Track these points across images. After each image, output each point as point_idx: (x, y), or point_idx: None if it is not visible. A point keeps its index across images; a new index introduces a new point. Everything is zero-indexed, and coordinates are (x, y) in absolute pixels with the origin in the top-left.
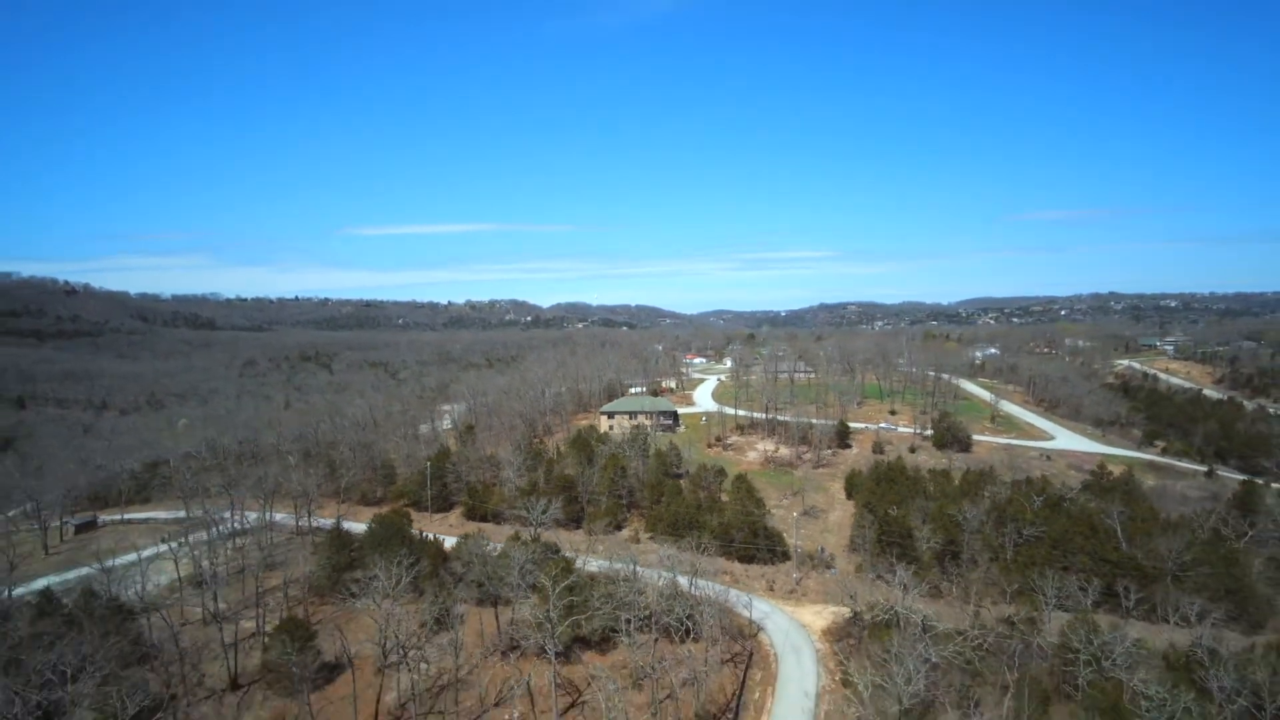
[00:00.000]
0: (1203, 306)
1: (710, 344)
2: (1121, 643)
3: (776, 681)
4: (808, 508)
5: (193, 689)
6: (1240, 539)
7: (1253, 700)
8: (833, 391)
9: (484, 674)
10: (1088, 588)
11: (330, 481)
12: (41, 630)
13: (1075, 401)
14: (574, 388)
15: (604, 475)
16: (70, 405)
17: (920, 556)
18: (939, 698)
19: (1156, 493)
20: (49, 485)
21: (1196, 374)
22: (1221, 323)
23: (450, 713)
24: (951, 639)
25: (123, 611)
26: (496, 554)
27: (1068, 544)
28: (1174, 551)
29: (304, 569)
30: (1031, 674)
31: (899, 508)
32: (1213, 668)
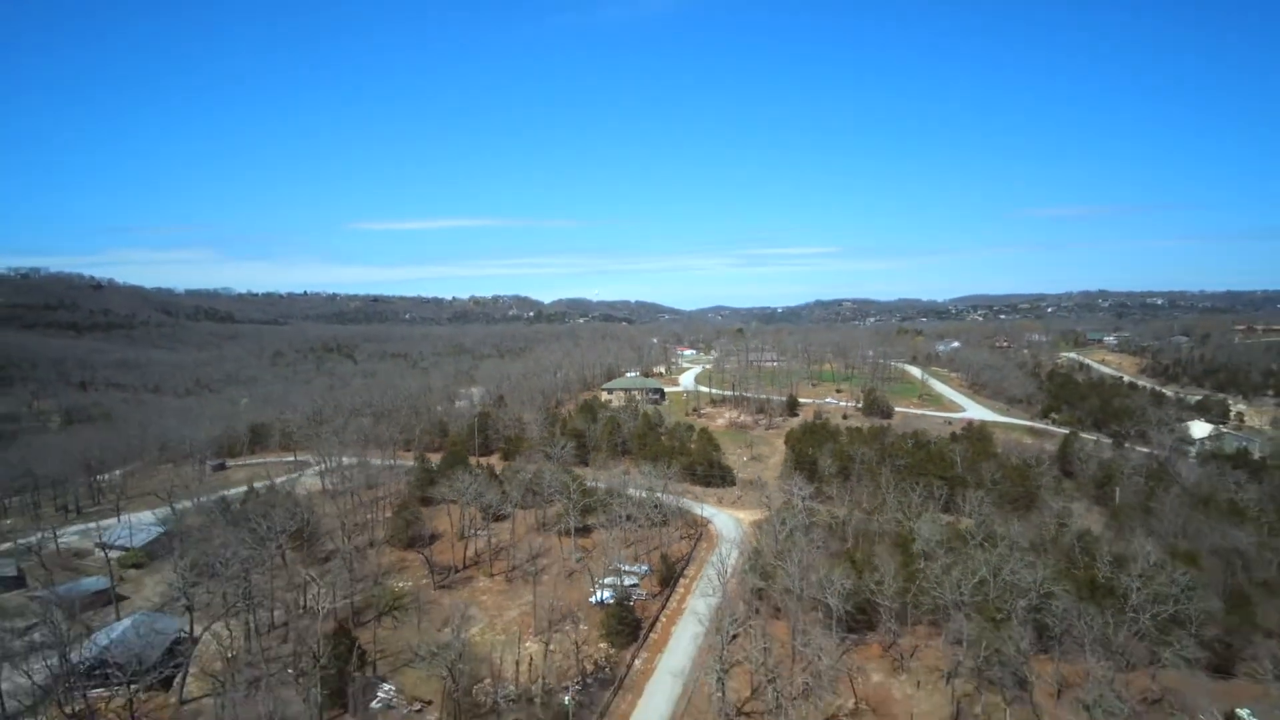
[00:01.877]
0: (1189, 304)
1: (701, 338)
2: (933, 522)
3: (717, 544)
4: (755, 454)
5: (349, 548)
6: (1039, 466)
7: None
8: (793, 375)
9: (527, 542)
10: (932, 494)
11: (401, 434)
12: (247, 509)
13: (999, 384)
14: (579, 372)
15: (604, 430)
16: (126, 389)
17: (823, 478)
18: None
19: (1006, 443)
20: (175, 443)
21: (1126, 364)
22: (1162, 320)
23: (506, 564)
24: (815, 514)
25: (293, 501)
26: (529, 476)
27: (921, 467)
28: (990, 473)
29: (399, 486)
30: (865, 534)
31: (813, 449)
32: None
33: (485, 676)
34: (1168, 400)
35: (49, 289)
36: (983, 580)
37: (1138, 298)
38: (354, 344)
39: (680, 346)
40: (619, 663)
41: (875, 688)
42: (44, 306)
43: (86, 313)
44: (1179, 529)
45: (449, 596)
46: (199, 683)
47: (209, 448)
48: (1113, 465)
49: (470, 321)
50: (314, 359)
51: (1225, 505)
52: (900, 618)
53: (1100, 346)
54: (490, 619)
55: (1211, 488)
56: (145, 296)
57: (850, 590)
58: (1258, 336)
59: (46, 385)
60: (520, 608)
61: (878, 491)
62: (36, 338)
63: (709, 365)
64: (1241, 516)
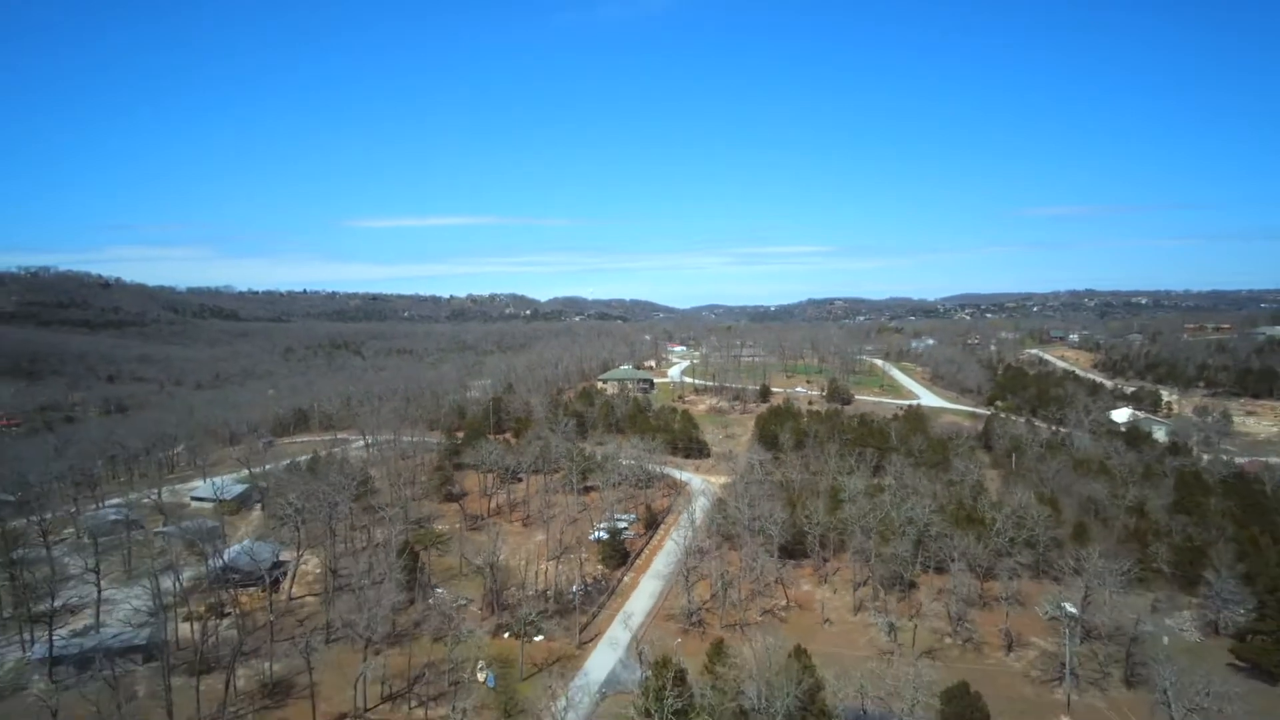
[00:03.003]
0: (1173, 304)
1: (691, 335)
2: (861, 478)
3: (692, 500)
4: (729, 433)
5: (399, 499)
6: (959, 439)
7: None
8: (770, 368)
9: (537, 498)
10: (865, 460)
11: (426, 416)
12: (315, 470)
13: (955, 377)
14: (578, 365)
15: (601, 412)
16: (150, 382)
17: (782, 449)
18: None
19: (943, 423)
20: (226, 425)
21: (1082, 360)
22: (1122, 319)
23: (525, 519)
24: (771, 475)
25: (349, 465)
26: (539, 447)
27: (863, 438)
28: (919, 445)
29: (429, 457)
30: (808, 488)
31: (777, 427)
32: (895, 489)
33: (512, 585)
34: (1104, 390)
35: (60, 287)
36: (885, 515)
37: (1123, 297)
38: (360, 341)
39: (671, 343)
40: (611, 578)
41: (803, 593)
42: (56, 304)
43: (98, 310)
44: (1055, 484)
45: (479, 535)
46: (299, 588)
47: (263, 427)
48: (1021, 439)
49: (468, 319)
50: (324, 355)
51: (1096, 467)
52: (825, 546)
53: (1063, 344)
54: (513, 550)
55: (1089, 455)
56: (152, 294)
57: (786, 522)
58: (1206, 334)
59: (78, 379)
60: (535, 542)
61: (824, 458)
62: (55, 334)
63: (696, 360)
64: (1107, 475)
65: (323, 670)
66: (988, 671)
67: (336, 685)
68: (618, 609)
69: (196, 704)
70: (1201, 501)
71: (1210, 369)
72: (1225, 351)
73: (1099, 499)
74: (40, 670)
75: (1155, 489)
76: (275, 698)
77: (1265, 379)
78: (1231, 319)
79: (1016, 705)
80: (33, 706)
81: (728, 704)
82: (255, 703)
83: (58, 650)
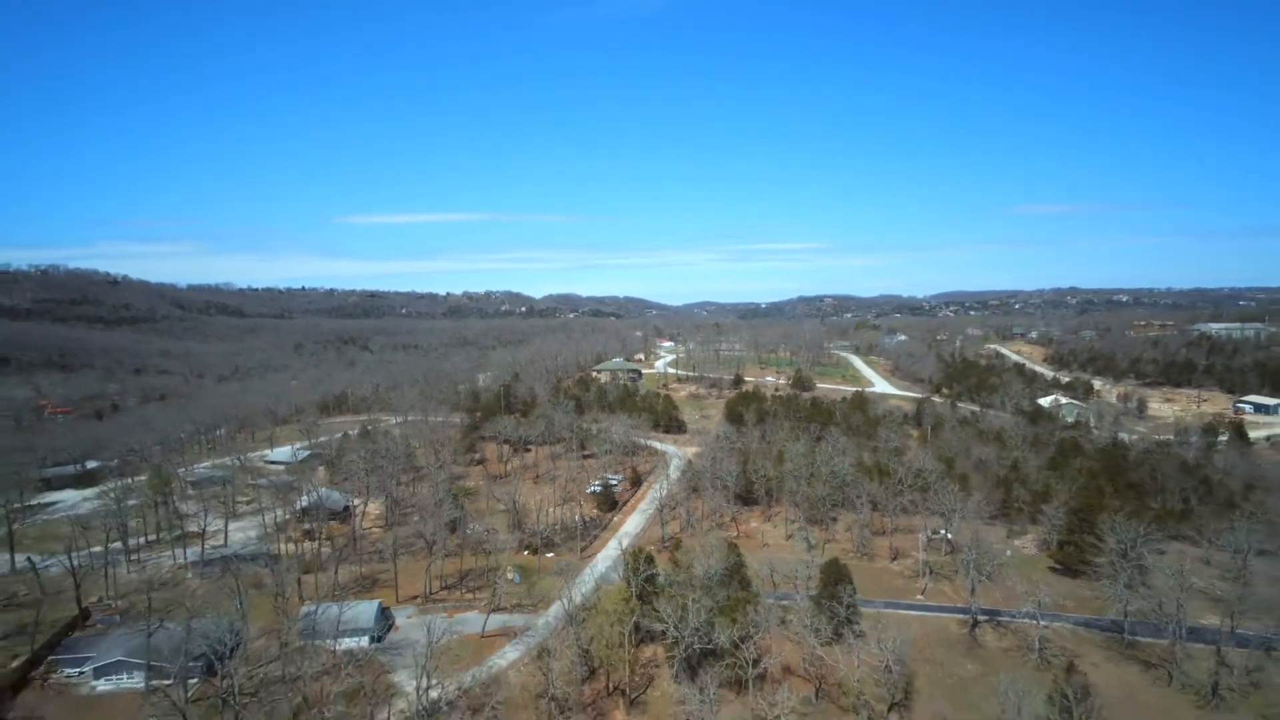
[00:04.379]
0: (1153, 301)
1: (680, 332)
2: (803, 444)
3: (670, 464)
4: (704, 414)
5: (438, 460)
6: (892, 416)
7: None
8: (745, 360)
9: (544, 463)
10: (810, 432)
11: (445, 400)
12: (365, 440)
13: (911, 368)
14: (574, 358)
15: (595, 395)
16: (174, 375)
17: (746, 424)
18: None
19: (887, 406)
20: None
21: (1035, 354)
22: (1076, 317)
23: (534, 476)
24: (734, 443)
25: (390, 436)
26: (545, 423)
27: (812, 415)
28: (857, 421)
29: (452, 432)
30: (761, 452)
31: (743, 408)
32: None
33: (528, 521)
34: (1041, 379)
35: (71, 285)
36: (815, 469)
37: (1105, 295)
38: (365, 336)
39: (660, 339)
40: (604, 517)
41: (750, 528)
42: (70, 301)
43: (109, 307)
44: (958, 448)
45: (499, 488)
46: (364, 523)
47: (308, 409)
48: (943, 417)
49: (465, 316)
50: (333, 349)
51: (993, 436)
52: (770, 494)
53: (1023, 340)
54: (526, 497)
55: (991, 428)
56: (158, 292)
57: (739, 475)
58: (1155, 331)
59: (111, 372)
60: (544, 493)
61: (779, 432)
62: (73, 330)
63: (681, 354)
64: (1001, 442)
65: (397, 573)
66: (874, 571)
67: (407, 580)
68: (609, 537)
69: (300, 593)
70: (1068, 461)
71: (1142, 362)
72: (1158, 346)
73: (988, 459)
74: (193, 570)
75: (1037, 453)
76: (367, 585)
77: (1186, 370)
78: (1177, 317)
79: (889, 589)
80: (188, 591)
81: (680, 575)
82: (354, 588)
83: (207, 556)
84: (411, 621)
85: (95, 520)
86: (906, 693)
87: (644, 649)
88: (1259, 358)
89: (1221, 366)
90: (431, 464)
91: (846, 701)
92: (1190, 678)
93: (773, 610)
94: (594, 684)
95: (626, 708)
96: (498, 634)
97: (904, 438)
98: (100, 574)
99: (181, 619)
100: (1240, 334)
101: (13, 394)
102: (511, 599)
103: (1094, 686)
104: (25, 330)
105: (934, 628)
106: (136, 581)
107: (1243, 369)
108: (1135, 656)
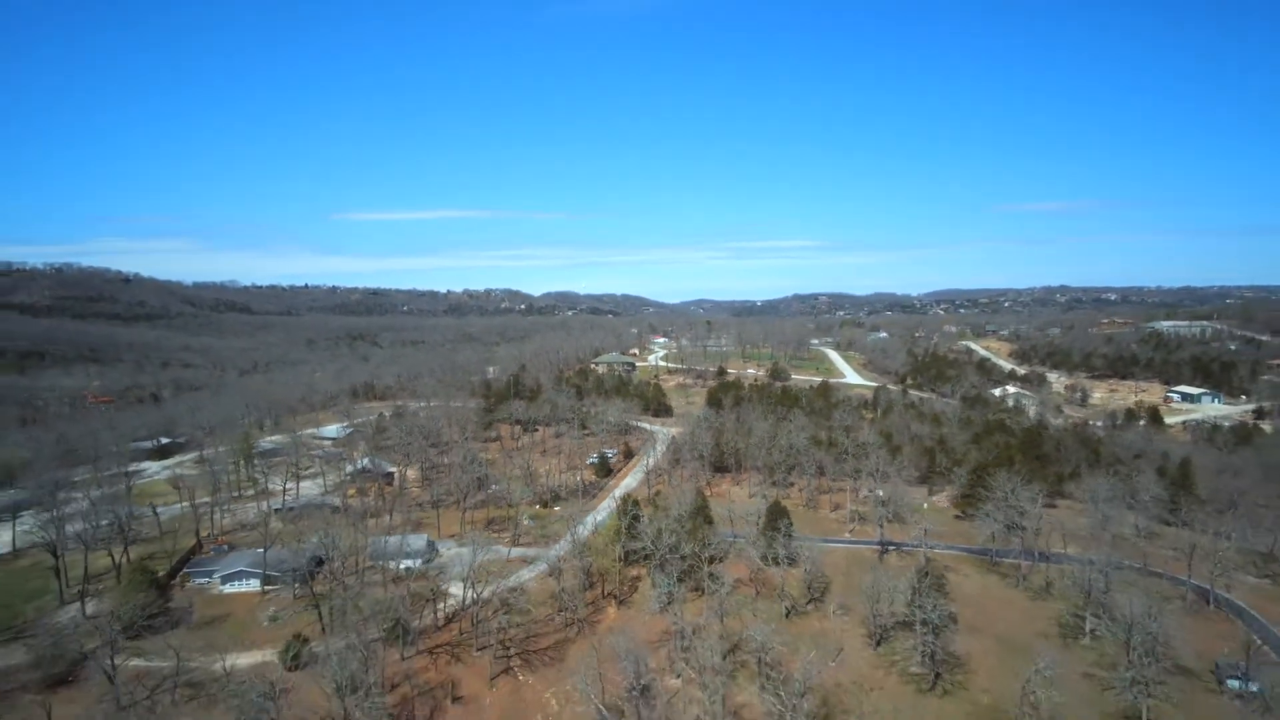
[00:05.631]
0: (1139, 299)
1: (674, 328)
2: (770, 424)
3: (656, 441)
4: (690, 400)
5: (462, 435)
6: (850, 402)
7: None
8: (730, 354)
9: (549, 440)
10: (777, 414)
11: (461, 388)
12: (398, 419)
13: (882, 362)
14: (574, 352)
15: (593, 384)
16: (198, 368)
17: (724, 408)
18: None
19: (850, 394)
20: (308, 395)
21: (1003, 350)
22: (1044, 315)
23: (542, 450)
24: (712, 424)
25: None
26: (549, 406)
27: (781, 400)
28: (821, 404)
29: (469, 414)
30: (735, 429)
31: (722, 394)
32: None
33: (539, 483)
34: (1000, 372)
35: (86, 283)
36: (775, 442)
37: (1094, 293)
38: (374, 333)
39: (655, 335)
40: (601, 482)
41: (722, 490)
42: (87, 299)
43: (125, 305)
44: (899, 426)
45: (514, 460)
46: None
47: (342, 395)
48: (893, 402)
49: (465, 314)
50: (345, 345)
51: (931, 417)
52: (739, 464)
53: (995, 336)
54: (537, 466)
55: (930, 411)
56: (168, 289)
57: (714, 448)
58: (1116, 329)
59: (141, 365)
60: (551, 463)
61: (751, 414)
62: (93, 326)
63: (673, 349)
64: (937, 422)
65: (437, 518)
66: (817, 518)
67: (444, 525)
68: (605, 495)
69: (366, 532)
70: (991, 437)
71: (1094, 356)
72: (1112, 343)
73: (921, 435)
74: (275, 515)
75: (966, 431)
76: (413, 528)
77: (1132, 364)
78: (1134, 314)
79: (826, 530)
80: (274, 529)
81: (660, 515)
82: (404, 528)
83: (286, 505)
84: (451, 552)
85: (195, 480)
86: (823, 592)
87: (630, 569)
88: (1195, 353)
89: (1161, 361)
90: (457, 438)
91: (778, 598)
92: (1031, 583)
93: (730, 542)
94: (593, 591)
95: (616, 605)
96: (518, 560)
97: (858, 419)
98: (205, 518)
99: (287, 544)
100: (1187, 331)
101: (59, 385)
102: (528, 537)
103: (957, 585)
104: (55, 327)
105: (854, 554)
106: (232, 523)
107: (1179, 363)
108: (997, 571)
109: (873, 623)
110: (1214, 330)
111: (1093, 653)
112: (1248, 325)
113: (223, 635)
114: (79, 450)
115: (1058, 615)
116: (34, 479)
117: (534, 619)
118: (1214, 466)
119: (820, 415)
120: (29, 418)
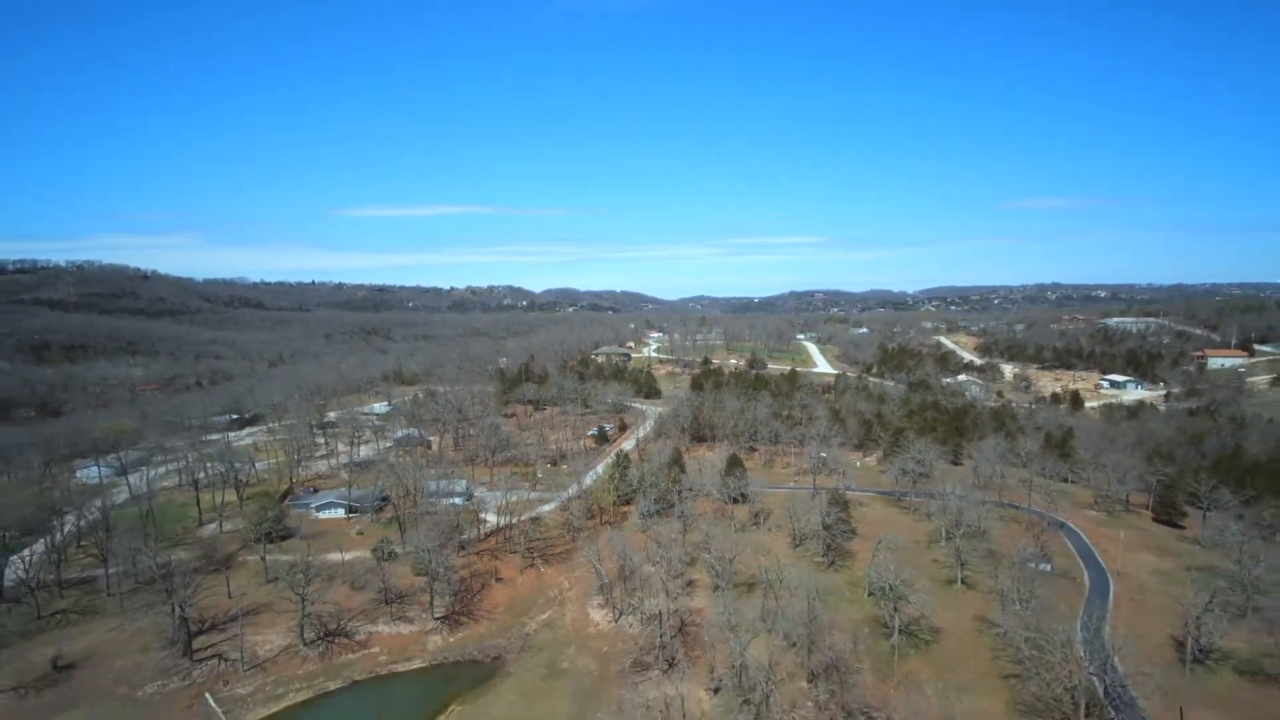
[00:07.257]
0: (1129, 297)
1: (668, 324)
2: (742, 402)
3: (646, 418)
4: (677, 385)
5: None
6: (819, 386)
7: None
8: (716, 347)
9: (556, 417)
10: (749, 395)
11: (479, 374)
12: (429, 398)
13: (854, 354)
14: (576, 345)
15: (594, 371)
16: (227, 360)
17: (705, 389)
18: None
19: (816, 380)
20: (344, 380)
21: (969, 344)
22: (1008, 312)
23: (550, 425)
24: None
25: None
26: (555, 389)
27: (756, 385)
28: (787, 387)
29: (488, 396)
30: (712, 407)
31: (704, 380)
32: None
33: (549, 447)
34: (958, 362)
35: (108, 279)
36: (742, 416)
37: (1084, 290)
38: (387, 328)
39: (651, 330)
40: (600, 448)
41: (699, 454)
42: (110, 295)
43: (147, 300)
44: (848, 405)
45: (528, 432)
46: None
47: (378, 380)
48: (849, 385)
49: (469, 310)
50: (360, 339)
51: (877, 397)
52: (714, 435)
53: (966, 332)
54: (547, 435)
55: (878, 393)
56: (183, 286)
57: (692, 421)
58: (1073, 324)
59: (176, 357)
60: (559, 434)
61: (728, 395)
62: (122, 321)
63: (666, 343)
64: (882, 401)
65: (471, 474)
66: (772, 473)
67: (477, 476)
68: (604, 457)
69: (421, 478)
70: (923, 413)
71: (1046, 349)
72: (1065, 337)
73: (865, 411)
74: (343, 469)
75: (904, 408)
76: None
77: (1078, 356)
78: (1090, 311)
79: (776, 481)
80: (344, 478)
81: (645, 466)
82: (447, 477)
83: (354, 460)
84: (484, 494)
85: (276, 443)
86: (765, 519)
87: (621, 508)
88: (1130, 346)
89: (1102, 353)
90: (480, 413)
91: (730, 522)
92: (920, 513)
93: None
94: (593, 520)
95: (611, 528)
96: (536, 500)
97: (817, 399)
98: (287, 471)
99: (365, 485)
100: (1133, 327)
101: (113, 373)
102: (542, 485)
103: (864, 514)
104: (87, 322)
105: (794, 496)
106: (309, 475)
107: (1116, 355)
108: (899, 506)
109: (794, 531)
110: (1156, 325)
111: (946, 551)
112: (1188, 321)
113: (327, 542)
114: (175, 422)
115: (931, 531)
116: (152, 441)
117: (550, 535)
118: (1102, 435)
119: (785, 396)
120: (99, 402)
